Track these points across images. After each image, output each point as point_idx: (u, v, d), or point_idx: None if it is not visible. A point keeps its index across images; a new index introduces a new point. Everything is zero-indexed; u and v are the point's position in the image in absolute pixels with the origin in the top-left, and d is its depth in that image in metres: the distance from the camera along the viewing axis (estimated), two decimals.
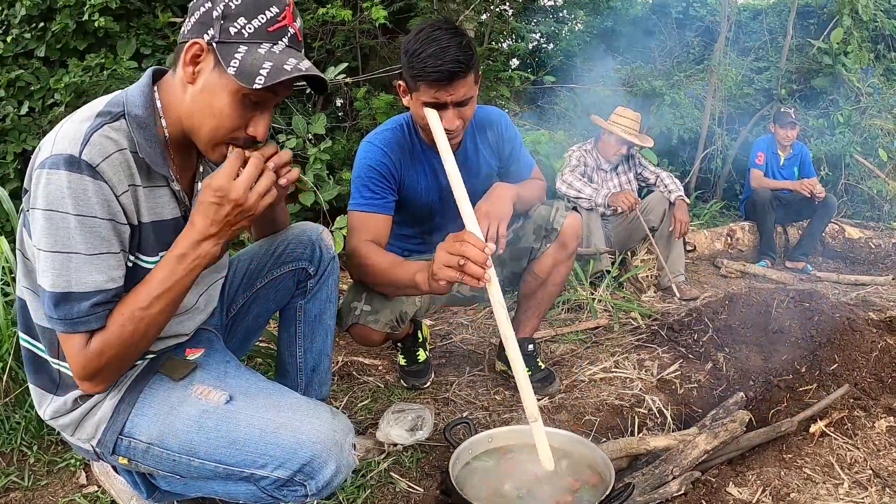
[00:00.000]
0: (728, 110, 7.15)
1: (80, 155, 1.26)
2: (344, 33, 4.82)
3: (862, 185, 6.74)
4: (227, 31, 1.33)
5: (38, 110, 4.26)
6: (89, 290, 1.31)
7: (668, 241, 4.29)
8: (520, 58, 7.57)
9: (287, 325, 1.96)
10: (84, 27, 4.34)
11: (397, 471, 2.09)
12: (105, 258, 1.32)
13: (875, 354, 2.59)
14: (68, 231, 1.27)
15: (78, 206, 1.26)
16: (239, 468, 1.42)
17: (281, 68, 1.31)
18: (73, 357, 1.35)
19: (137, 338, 1.38)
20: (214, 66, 1.34)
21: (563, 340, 3.21)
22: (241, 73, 1.31)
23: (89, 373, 1.37)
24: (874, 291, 4.41)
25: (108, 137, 1.31)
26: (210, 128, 1.37)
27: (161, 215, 1.44)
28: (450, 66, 1.91)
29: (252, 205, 1.37)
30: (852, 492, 1.95)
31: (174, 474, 1.51)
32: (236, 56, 1.32)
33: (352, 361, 2.91)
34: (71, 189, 1.26)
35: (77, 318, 1.31)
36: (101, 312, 1.33)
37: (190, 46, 1.34)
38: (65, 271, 1.29)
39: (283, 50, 1.36)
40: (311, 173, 3.96)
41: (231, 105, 1.35)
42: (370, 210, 2.19)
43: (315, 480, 1.41)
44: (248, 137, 1.41)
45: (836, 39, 6.67)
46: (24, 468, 2.06)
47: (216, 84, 1.34)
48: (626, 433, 2.36)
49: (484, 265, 1.64)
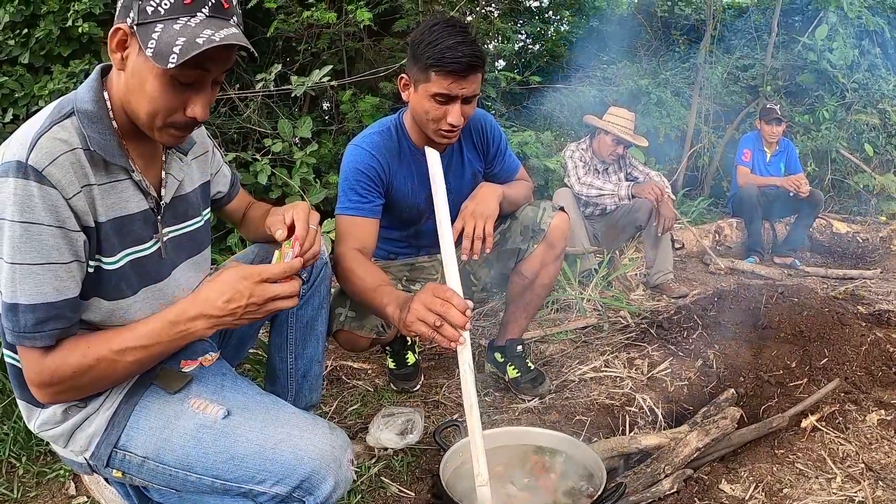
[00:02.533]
0: (714, 108, 7.18)
1: (27, 160, 1.22)
2: (329, 36, 4.81)
3: (848, 180, 6.78)
4: (144, 11, 1.24)
5: (22, 117, 4.21)
6: (33, 302, 1.26)
7: (656, 238, 4.30)
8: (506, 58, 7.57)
9: (279, 331, 1.94)
10: (68, 33, 4.30)
11: (388, 475, 2.08)
12: (51, 269, 1.26)
13: (865, 348, 2.59)
14: (13, 240, 1.22)
15: (22, 212, 1.22)
16: (237, 484, 1.40)
17: (193, 42, 1.21)
18: (27, 366, 1.32)
19: (97, 376, 1.34)
20: (140, 50, 1.26)
21: (553, 340, 3.20)
22: (157, 53, 1.22)
23: (41, 384, 1.33)
24: (862, 285, 4.43)
25: (55, 139, 1.27)
26: (146, 112, 1.31)
27: (126, 209, 1.40)
28: (469, 58, 1.95)
29: (266, 311, 1.36)
30: (845, 486, 1.95)
31: (169, 488, 1.49)
32: (153, 36, 1.23)
33: (341, 366, 2.89)
34: (16, 196, 1.21)
35: (23, 333, 1.27)
36: (49, 331, 1.28)
37: (114, 33, 1.28)
38: (10, 282, 1.25)
39: (200, 22, 1.26)
40: (297, 177, 3.95)
41: (160, 88, 1.28)
42: (358, 214, 2.18)
43: (313, 496, 1.39)
44: (188, 119, 1.34)
45: (821, 36, 6.70)
46: (12, 480, 2.04)
47: (143, 68, 1.27)
48: (617, 432, 2.36)
49: (463, 328, 1.54)
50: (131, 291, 1.42)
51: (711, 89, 6.98)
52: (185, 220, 1.58)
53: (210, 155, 1.72)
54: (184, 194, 1.57)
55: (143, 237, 1.44)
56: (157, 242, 1.48)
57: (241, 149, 4.41)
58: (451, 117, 2.02)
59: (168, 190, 1.50)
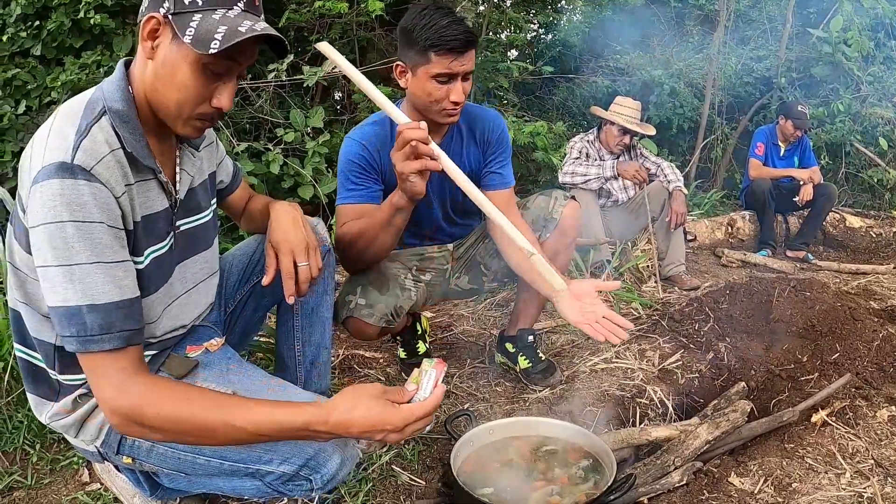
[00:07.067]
0: (728, 99, 7.13)
1: (73, 160, 1.22)
2: (341, 26, 4.81)
3: (862, 174, 6.72)
4: (181, 1, 1.28)
5: (35, 109, 4.25)
6: (96, 302, 1.23)
7: (668, 230, 4.29)
8: (518, 48, 7.54)
9: (284, 319, 1.95)
10: (80, 25, 4.33)
11: (399, 464, 2.09)
12: (109, 267, 1.25)
13: (876, 344, 2.58)
14: (66, 240, 1.20)
15: (73, 212, 1.20)
16: (244, 464, 1.43)
17: (235, 30, 1.26)
18: (102, 381, 1.26)
19: (185, 432, 1.28)
20: (172, 39, 1.29)
21: (564, 331, 3.20)
22: (197, 40, 1.26)
23: (118, 411, 1.26)
24: (875, 280, 4.40)
25: (97, 140, 1.27)
26: (175, 101, 1.33)
27: (152, 208, 1.41)
28: (465, 35, 2.01)
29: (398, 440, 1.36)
30: (854, 481, 1.95)
31: (179, 472, 1.51)
32: (191, 25, 1.27)
33: (353, 355, 2.90)
34: (64, 196, 1.20)
35: (89, 336, 1.23)
36: (118, 332, 1.25)
37: (147, 21, 1.29)
38: (68, 284, 1.21)
39: (238, 14, 1.31)
40: (309, 167, 3.96)
41: (192, 76, 1.30)
42: (354, 201, 2.21)
43: (320, 474, 1.42)
44: (214, 110, 1.37)
45: (836, 27, 6.63)
46: (26, 467, 2.06)
47: (176, 56, 1.29)
48: (627, 424, 2.36)
49: (426, 140, 1.71)
50: (154, 289, 1.44)
51: (725, 80, 6.93)
52: (197, 212, 1.59)
53: (215, 144, 1.75)
54: (194, 187, 1.58)
55: (162, 234, 1.45)
56: (171, 238, 1.49)
57: (253, 139, 4.43)
58: (454, 95, 2.07)
59: (182, 185, 1.52)
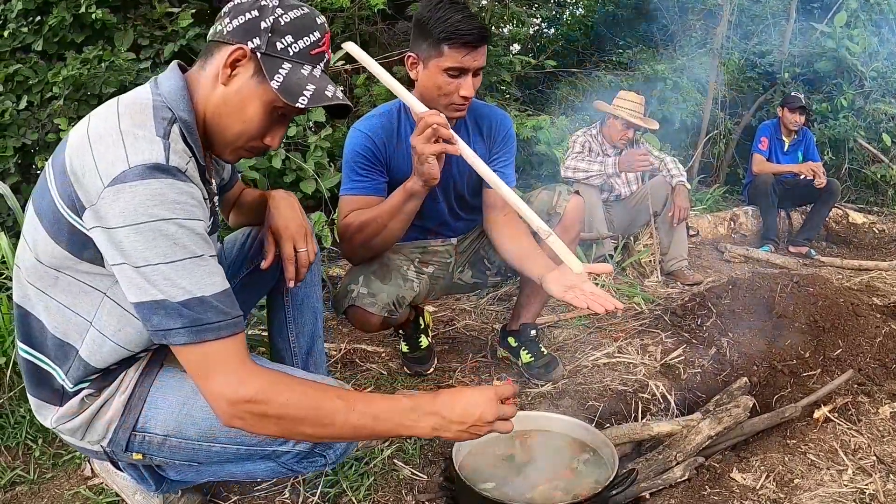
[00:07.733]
0: (731, 94, 7.11)
1: (168, 161, 1.24)
2: (343, 20, 4.80)
3: (866, 170, 6.70)
4: (273, 44, 1.35)
5: (36, 104, 4.24)
6: (210, 293, 1.24)
7: (671, 226, 4.28)
8: (521, 42, 7.53)
9: (275, 311, 1.99)
10: (81, 20, 4.31)
11: (401, 458, 2.10)
12: (211, 261, 1.28)
13: (879, 340, 2.58)
14: (170, 238, 1.21)
15: (175, 210, 1.21)
16: (261, 447, 1.46)
17: (322, 94, 1.37)
18: (219, 368, 1.26)
19: (308, 418, 1.29)
20: (254, 75, 1.36)
21: (566, 326, 3.20)
22: (286, 89, 1.33)
23: (241, 399, 1.25)
24: (878, 277, 4.40)
25: (178, 145, 1.30)
26: (236, 132, 1.40)
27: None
28: (479, 30, 2.02)
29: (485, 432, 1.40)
30: (856, 478, 1.95)
31: (191, 462, 1.52)
32: (280, 72, 1.34)
33: (354, 349, 2.91)
34: (164, 195, 1.21)
35: (206, 325, 1.23)
36: (234, 318, 1.27)
37: (234, 51, 1.35)
38: (178, 279, 1.22)
39: (320, 75, 1.41)
40: (311, 161, 3.95)
41: (261, 114, 1.38)
42: (358, 193, 2.22)
43: (333, 449, 1.50)
44: (264, 146, 1.45)
45: (840, 22, 6.61)
46: (29, 462, 2.07)
47: (253, 92, 1.36)
48: (629, 419, 2.36)
49: (446, 126, 1.84)
50: None
51: (728, 75, 6.91)
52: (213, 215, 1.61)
53: None
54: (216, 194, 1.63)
55: None
56: None
57: None
58: (464, 90, 2.07)
59: (209, 195, 1.54)
